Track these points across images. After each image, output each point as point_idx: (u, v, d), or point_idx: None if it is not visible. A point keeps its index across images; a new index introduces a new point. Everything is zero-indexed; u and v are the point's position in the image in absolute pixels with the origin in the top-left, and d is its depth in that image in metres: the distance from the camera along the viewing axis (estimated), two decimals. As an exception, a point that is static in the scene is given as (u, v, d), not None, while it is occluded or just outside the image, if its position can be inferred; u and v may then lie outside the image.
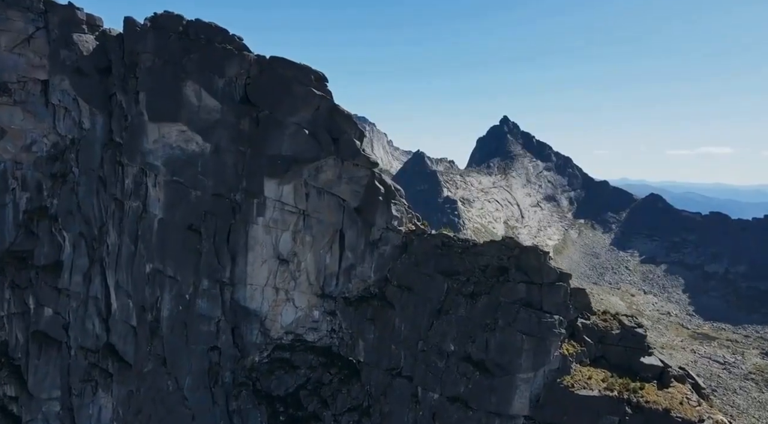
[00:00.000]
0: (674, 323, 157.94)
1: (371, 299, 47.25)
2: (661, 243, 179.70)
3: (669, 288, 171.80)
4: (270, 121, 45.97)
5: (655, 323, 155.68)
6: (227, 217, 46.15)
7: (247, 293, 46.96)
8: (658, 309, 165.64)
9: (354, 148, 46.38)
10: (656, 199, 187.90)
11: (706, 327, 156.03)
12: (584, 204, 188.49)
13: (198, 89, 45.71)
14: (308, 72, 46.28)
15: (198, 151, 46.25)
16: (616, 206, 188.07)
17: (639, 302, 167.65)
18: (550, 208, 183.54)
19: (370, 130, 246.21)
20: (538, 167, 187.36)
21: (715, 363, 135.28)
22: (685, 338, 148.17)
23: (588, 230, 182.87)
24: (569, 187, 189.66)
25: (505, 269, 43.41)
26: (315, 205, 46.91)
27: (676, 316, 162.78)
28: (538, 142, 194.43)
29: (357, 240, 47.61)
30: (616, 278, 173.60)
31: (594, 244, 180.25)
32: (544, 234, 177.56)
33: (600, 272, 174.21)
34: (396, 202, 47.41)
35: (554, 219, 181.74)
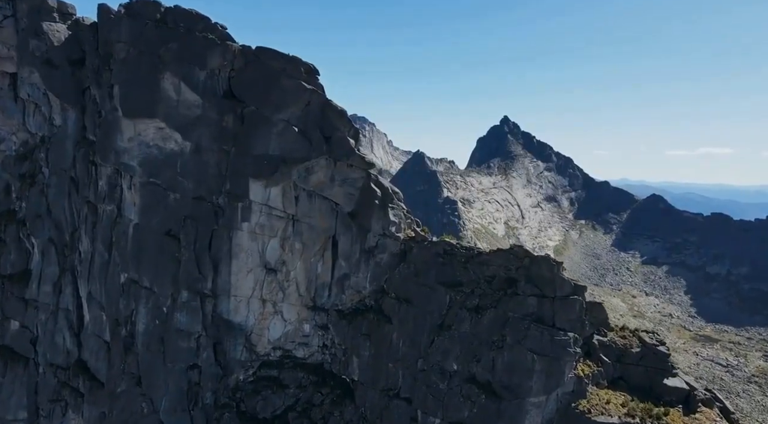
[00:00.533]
0: (676, 325, 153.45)
1: (366, 312, 42.49)
2: (662, 244, 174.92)
3: (671, 290, 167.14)
4: (256, 117, 41.30)
5: (656, 325, 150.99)
6: (209, 222, 41.37)
7: (231, 305, 42.15)
8: (659, 311, 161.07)
9: (348, 148, 41.65)
10: (657, 200, 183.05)
11: (708, 329, 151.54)
12: (585, 205, 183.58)
13: (177, 82, 40.93)
14: (298, 64, 41.50)
15: (177, 150, 41.45)
16: (617, 207, 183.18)
17: (640, 303, 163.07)
18: (551, 209, 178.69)
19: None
20: (539, 168, 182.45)
21: (717, 366, 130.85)
22: (687, 340, 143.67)
23: (589, 231, 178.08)
24: (570, 188, 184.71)
25: (513, 281, 38.69)
26: (305, 209, 42.16)
27: (678, 318, 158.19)
28: (538, 143, 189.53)
29: (351, 248, 42.85)
30: (618, 279, 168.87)
31: (595, 245, 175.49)
32: (545, 235, 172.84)
33: (601, 273, 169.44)
34: (394, 207, 42.62)
35: (555, 220, 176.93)
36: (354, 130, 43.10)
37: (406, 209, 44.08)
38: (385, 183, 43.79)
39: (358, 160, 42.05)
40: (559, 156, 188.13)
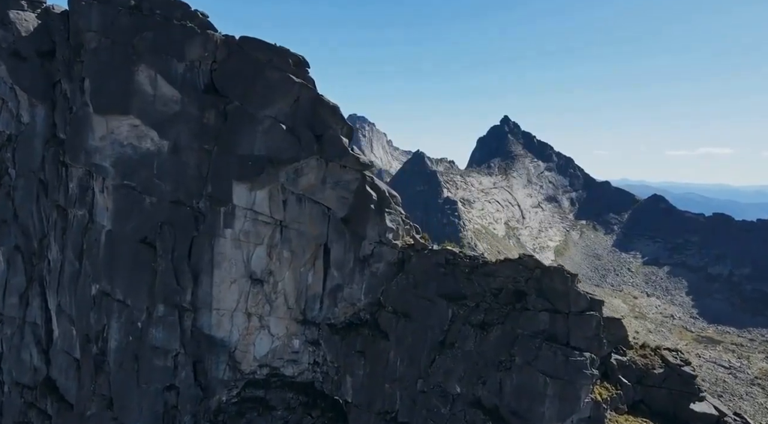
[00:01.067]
0: (678, 326, 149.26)
1: (361, 327, 38.18)
2: (663, 244, 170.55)
3: (672, 290, 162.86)
4: (240, 114, 36.98)
5: (658, 326, 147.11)
6: (188, 228, 37.01)
7: (213, 319, 37.78)
8: (661, 312, 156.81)
9: (341, 147, 37.33)
10: (658, 200, 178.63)
11: (710, 330, 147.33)
12: (586, 205, 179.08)
13: (153, 75, 36.57)
14: (285, 55, 37.16)
15: (153, 150, 37.05)
16: (617, 207, 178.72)
17: (642, 304, 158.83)
18: (552, 209, 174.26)
19: (369, 130, 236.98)
20: (539, 168, 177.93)
21: (720, 368, 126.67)
22: (689, 341, 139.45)
23: (590, 231, 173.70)
24: (570, 188, 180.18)
25: (522, 294, 34.33)
26: (294, 214, 37.80)
27: (680, 319, 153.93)
28: (539, 143, 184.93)
29: (344, 256, 38.51)
30: (619, 279, 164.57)
31: (596, 245, 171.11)
32: (546, 235, 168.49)
33: (602, 273, 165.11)
34: (391, 211, 38.26)
35: (555, 220, 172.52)
36: (347, 127, 38.73)
37: (404, 214, 39.69)
38: (382, 186, 39.40)
39: (352, 161, 37.70)
40: (560, 156, 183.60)
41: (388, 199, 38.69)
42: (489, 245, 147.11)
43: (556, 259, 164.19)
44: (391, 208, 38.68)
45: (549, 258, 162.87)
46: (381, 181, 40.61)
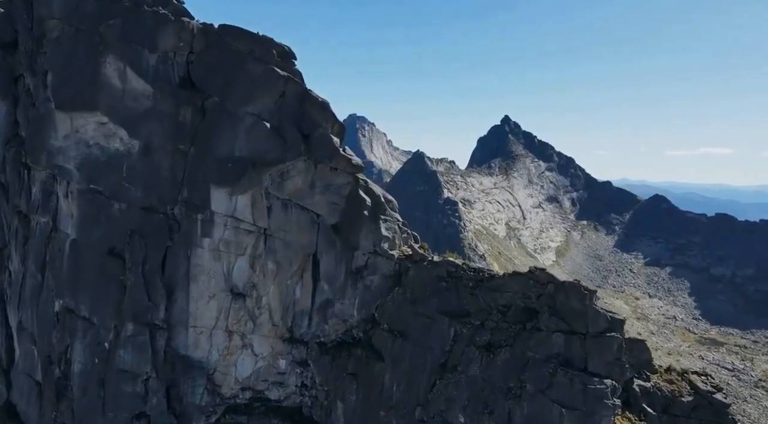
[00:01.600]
0: (680, 328, 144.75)
1: (353, 347, 33.91)
2: (665, 245, 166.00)
3: (674, 291, 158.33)
4: (219, 111, 32.69)
5: (660, 328, 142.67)
6: (161, 238, 32.70)
7: (189, 338, 33.51)
8: (663, 313, 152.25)
9: (331, 148, 33.02)
10: (660, 200, 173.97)
11: (713, 332, 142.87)
12: (587, 205, 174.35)
13: (122, 68, 32.20)
14: (269, 45, 32.84)
15: (123, 151, 32.69)
16: (619, 207, 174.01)
17: (644, 305, 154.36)
18: (552, 210, 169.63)
19: (369, 130, 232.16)
20: (540, 168, 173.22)
21: (723, 370, 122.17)
22: (692, 343, 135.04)
23: (591, 232, 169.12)
24: (572, 188, 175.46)
25: (533, 312, 30.03)
26: (280, 222, 33.47)
27: (682, 320, 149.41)
28: (539, 142, 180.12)
29: (335, 268, 34.21)
30: (620, 280, 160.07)
31: (597, 246, 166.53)
32: (546, 236, 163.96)
33: (603, 274, 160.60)
34: (387, 218, 33.94)
35: (556, 220, 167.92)
36: (338, 126, 34.40)
37: (401, 221, 35.35)
38: (377, 190, 35.05)
39: (344, 163, 33.38)
40: (561, 156, 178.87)
41: (383, 205, 34.37)
42: (490, 246, 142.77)
43: (558, 260, 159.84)
44: (386, 214, 34.36)
45: (550, 259, 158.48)
46: (376, 185, 36.29)
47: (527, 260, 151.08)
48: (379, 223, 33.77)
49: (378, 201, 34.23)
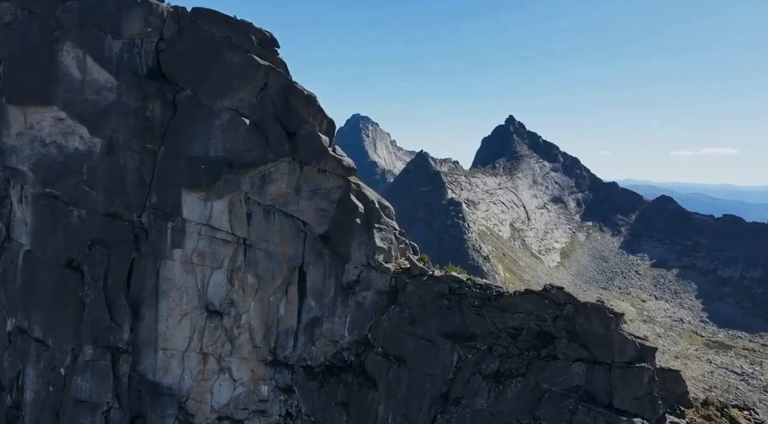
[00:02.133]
0: (687, 331, 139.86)
1: (344, 372, 29.47)
2: (672, 247, 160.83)
3: (681, 294, 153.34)
4: (193, 105, 28.40)
5: (667, 331, 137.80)
6: (126, 249, 28.35)
7: (158, 362, 29.15)
8: (670, 316, 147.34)
9: (318, 147, 28.60)
10: (667, 201, 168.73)
11: (721, 335, 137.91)
12: (592, 206, 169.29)
13: (81, 56, 27.92)
14: (248, 31, 28.33)
15: (83, 151, 28.35)
16: (625, 208, 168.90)
17: (650, 307, 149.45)
18: (557, 210, 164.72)
19: (373, 130, 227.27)
20: (545, 168, 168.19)
21: (732, 374, 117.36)
22: (699, 346, 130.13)
23: (596, 233, 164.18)
24: (577, 189, 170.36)
25: (549, 337, 25.57)
26: (261, 230, 29.04)
27: (690, 323, 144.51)
28: (544, 143, 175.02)
29: (324, 282, 29.77)
30: (626, 282, 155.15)
31: (603, 247, 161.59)
32: (551, 237, 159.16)
33: (609, 276, 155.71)
34: (382, 227, 29.48)
35: (561, 221, 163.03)
36: (328, 122, 29.95)
37: (398, 230, 30.90)
38: (371, 195, 30.61)
39: (333, 164, 28.95)
40: (566, 156, 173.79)
41: (378, 212, 29.91)
42: (494, 247, 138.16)
43: (563, 261, 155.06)
44: (382, 222, 29.91)
45: (555, 260, 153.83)
46: (371, 189, 31.83)
47: (532, 262, 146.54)
48: (373, 232, 29.34)
49: (372, 207, 29.80)
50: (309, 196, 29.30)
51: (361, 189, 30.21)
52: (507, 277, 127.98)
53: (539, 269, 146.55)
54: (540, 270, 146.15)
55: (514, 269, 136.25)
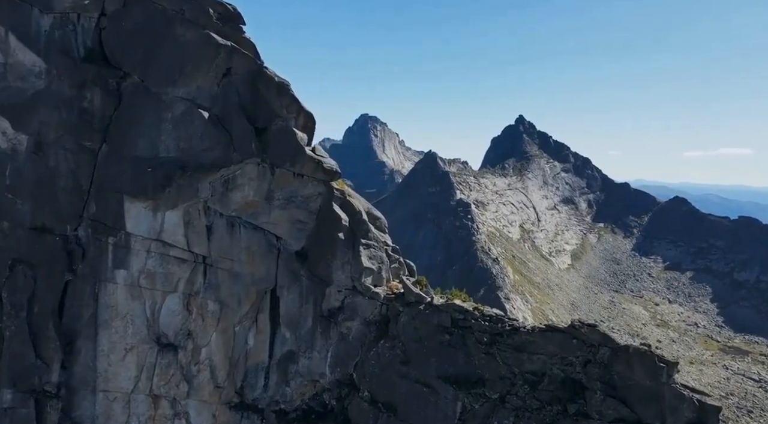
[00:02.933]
0: (702, 335, 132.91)
1: (324, 419, 23.51)
2: (686, 249, 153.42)
3: (696, 297, 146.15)
4: (140, 94, 22.34)
5: (682, 335, 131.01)
6: (58, 269, 22.57)
7: (98, 406, 23.36)
8: (684, 320, 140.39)
9: (294, 146, 22.72)
10: (680, 203, 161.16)
11: (737, 340, 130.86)
12: (604, 207, 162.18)
13: (2, 34, 21.94)
14: (204, 2, 22.26)
15: (5, 150, 22.62)
16: (637, 209, 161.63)
17: (664, 311, 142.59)
18: (568, 211, 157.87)
19: (381, 130, 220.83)
20: (556, 168, 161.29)
21: (749, 381, 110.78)
22: (715, 351, 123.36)
23: (608, 235, 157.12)
24: (588, 190, 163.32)
25: (578, 387, 19.46)
26: (224, 247, 23.13)
27: (705, 327, 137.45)
28: (555, 143, 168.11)
29: (301, 310, 23.84)
30: (639, 285, 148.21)
31: (614, 249, 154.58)
32: (562, 238, 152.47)
33: (621, 279, 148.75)
34: (370, 243, 23.48)
35: (572, 223, 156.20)
36: (306, 116, 24.03)
37: (391, 247, 24.84)
38: (360, 204, 24.63)
39: (312, 167, 23.03)
40: (577, 156, 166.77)
41: (366, 225, 23.93)
42: (503, 249, 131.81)
43: (573, 263, 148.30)
44: (371, 237, 23.93)
45: (565, 262, 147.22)
46: (359, 197, 25.86)
47: (542, 264, 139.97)
48: (359, 249, 23.39)
49: (359, 219, 23.85)
50: (282, 205, 23.42)
51: (346, 197, 24.27)
52: (516, 279, 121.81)
53: (549, 271, 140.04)
54: (550, 272, 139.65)
55: (523, 271, 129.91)
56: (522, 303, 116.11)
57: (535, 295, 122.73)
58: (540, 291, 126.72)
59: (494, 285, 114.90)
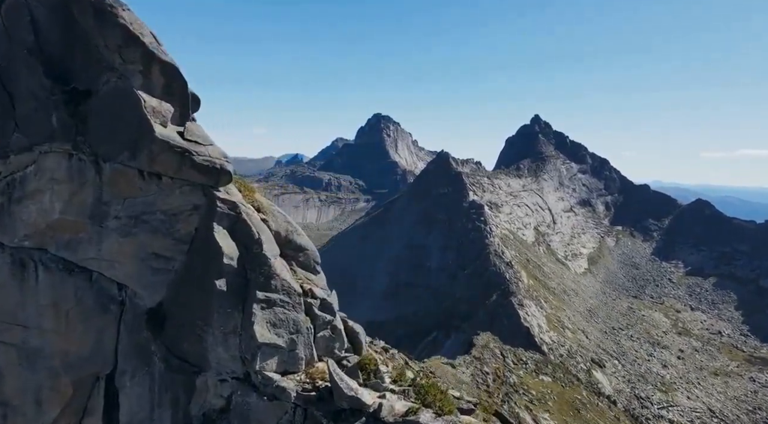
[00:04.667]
0: (727, 345, 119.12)
1: None
2: (708, 253, 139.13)
3: (719, 304, 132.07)
4: None
5: (705, 344, 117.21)
6: None
7: None
8: (707, 328, 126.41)
9: (137, 122, 10.84)
10: (703, 205, 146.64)
11: (764, 350, 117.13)
12: (622, 209, 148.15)
13: None
14: None
15: None
16: (657, 212, 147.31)
17: (685, 318, 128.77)
18: (585, 214, 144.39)
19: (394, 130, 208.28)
20: (572, 169, 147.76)
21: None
22: (740, 362, 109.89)
23: (626, 238, 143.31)
24: (606, 191, 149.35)
25: None
26: (9, 303, 11.49)
27: (729, 336, 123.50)
28: (572, 143, 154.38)
29: (153, 414, 12.14)
30: (659, 291, 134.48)
31: (633, 253, 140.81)
32: (578, 241, 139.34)
33: (640, 284, 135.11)
34: (274, 300, 11.69)
35: (589, 225, 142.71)
36: (168, 73, 12.48)
37: (320, 299, 13.22)
38: (261, 227, 13.03)
39: (174, 160, 11.51)
40: (594, 157, 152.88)
41: (270, 266, 12.39)
42: (517, 253, 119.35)
43: (590, 267, 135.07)
44: (274, 287, 12.40)
45: (582, 266, 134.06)
46: (277, 213, 14.34)
47: (557, 268, 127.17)
48: (252, 309, 12.02)
49: (258, 253, 12.43)
50: (124, 228, 12.16)
51: (241, 215, 12.82)
52: (530, 284, 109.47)
53: (565, 275, 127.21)
54: (566, 277, 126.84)
55: (538, 276, 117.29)
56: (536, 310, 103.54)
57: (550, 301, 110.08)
58: (555, 297, 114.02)
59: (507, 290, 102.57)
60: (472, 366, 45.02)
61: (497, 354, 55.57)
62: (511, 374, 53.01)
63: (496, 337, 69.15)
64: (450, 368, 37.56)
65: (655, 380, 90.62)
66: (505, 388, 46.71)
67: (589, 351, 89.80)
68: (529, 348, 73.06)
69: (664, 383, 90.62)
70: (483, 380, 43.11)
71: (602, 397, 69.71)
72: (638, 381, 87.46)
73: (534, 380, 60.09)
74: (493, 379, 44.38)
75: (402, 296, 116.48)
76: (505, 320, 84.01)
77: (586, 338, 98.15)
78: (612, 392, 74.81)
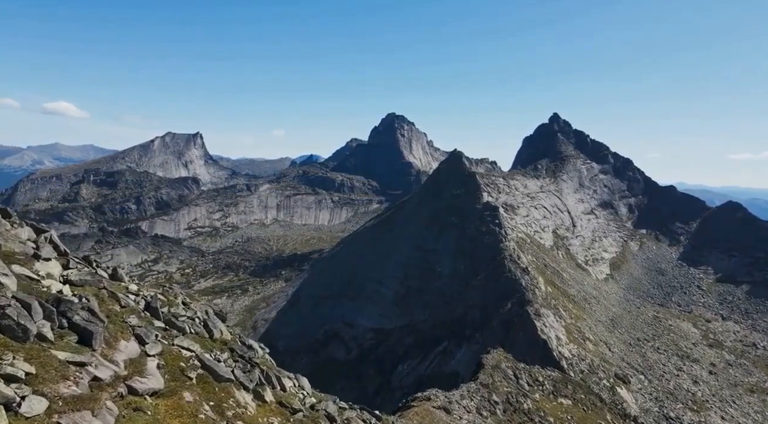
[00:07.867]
0: (763, 358, 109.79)
1: None
2: (740, 259, 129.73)
3: (753, 314, 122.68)
4: None
5: (738, 358, 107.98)
6: None
7: None
8: (740, 339, 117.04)
9: None
10: (735, 208, 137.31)
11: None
12: (646, 212, 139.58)
13: None
14: None
15: None
16: (684, 215, 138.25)
17: (716, 329, 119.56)
18: (606, 216, 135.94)
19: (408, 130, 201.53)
20: (593, 170, 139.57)
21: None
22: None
23: (651, 242, 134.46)
24: (629, 193, 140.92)
25: None
26: None
27: (765, 349, 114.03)
28: (593, 142, 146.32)
29: None
30: (687, 299, 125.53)
31: (659, 258, 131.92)
32: (599, 245, 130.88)
33: (666, 291, 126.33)
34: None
35: (611, 228, 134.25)
36: None
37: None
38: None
39: None
40: (617, 157, 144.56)
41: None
42: (534, 257, 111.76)
43: (612, 273, 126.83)
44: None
45: (604, 272, 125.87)
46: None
47: (577, 273, 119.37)
48: None
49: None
50: None
51: None
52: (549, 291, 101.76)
53: (586, 282, 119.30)
54: (587, 283, 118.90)
55: (557, 282, 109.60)
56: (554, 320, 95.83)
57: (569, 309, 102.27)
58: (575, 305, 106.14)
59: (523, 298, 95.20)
60: (478, 396, 38.26)
61: (509, 376, 48.79)
62: (526, 398, 46.07)
63: (509, 354, 62.06)
64: (443, 415, 30.61)
65: (685, 398, 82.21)
66: (518, 417, 39.78)
67: (612, 365, 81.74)
68: (547, 364, 65.86)
69: (695, 402, 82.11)
70: (491, 412, 36.34)
71: (629, 420, 61.81)
72: (666, 399, 79.25)
73: (552, 403, 52.82)
74: (503, 409, 37.54)
75: (411, 303, 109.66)
76: (520, 332, 76.50)
77: (608, 351, 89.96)
78: (639, 413, 67.19)
